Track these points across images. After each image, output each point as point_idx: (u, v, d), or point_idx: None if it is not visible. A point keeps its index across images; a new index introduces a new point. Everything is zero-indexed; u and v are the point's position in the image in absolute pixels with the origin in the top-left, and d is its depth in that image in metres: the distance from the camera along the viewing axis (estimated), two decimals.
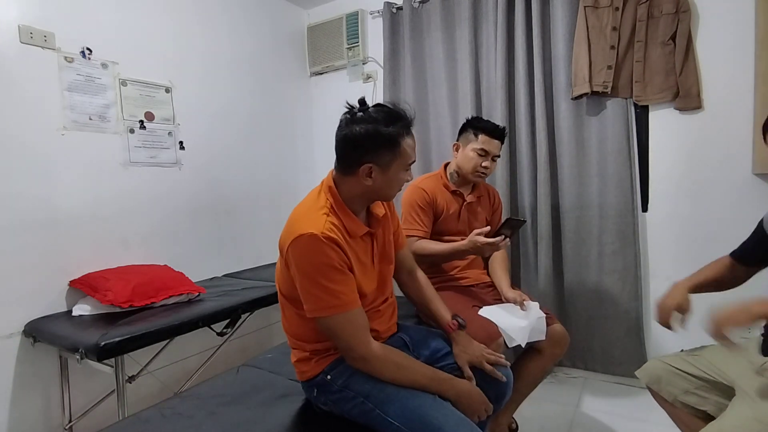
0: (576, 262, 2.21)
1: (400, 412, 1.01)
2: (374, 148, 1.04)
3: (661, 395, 1.31)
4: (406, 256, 1.37)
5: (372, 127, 1.03)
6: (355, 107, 1.07)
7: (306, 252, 1.00)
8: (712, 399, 1.23)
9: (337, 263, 1.01)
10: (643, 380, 1.35)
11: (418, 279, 1.37)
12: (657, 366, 1.33)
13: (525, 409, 1.71)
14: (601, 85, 2.03)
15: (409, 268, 1.37)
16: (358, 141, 1.04)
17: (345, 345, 1.05)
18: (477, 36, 2.39)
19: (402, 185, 1.13)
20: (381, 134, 1.03)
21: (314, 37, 2.96)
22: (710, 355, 1.27)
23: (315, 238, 0.99)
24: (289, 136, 2.92)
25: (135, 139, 2.08)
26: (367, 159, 1.05)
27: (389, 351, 1.08)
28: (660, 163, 2.08)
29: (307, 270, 1.01)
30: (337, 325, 1.03)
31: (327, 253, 0.99)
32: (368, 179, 1.07)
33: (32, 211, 1.74)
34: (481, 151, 1.70)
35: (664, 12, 1.93)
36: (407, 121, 1.08)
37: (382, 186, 1.09)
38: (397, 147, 1.04)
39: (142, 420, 1.14)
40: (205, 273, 2.36)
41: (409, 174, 1.13)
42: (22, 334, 1.71)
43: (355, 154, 1.06)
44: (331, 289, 1.01)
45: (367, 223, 1.17)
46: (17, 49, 1.70)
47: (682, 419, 1.29)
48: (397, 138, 1.04)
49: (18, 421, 1.71)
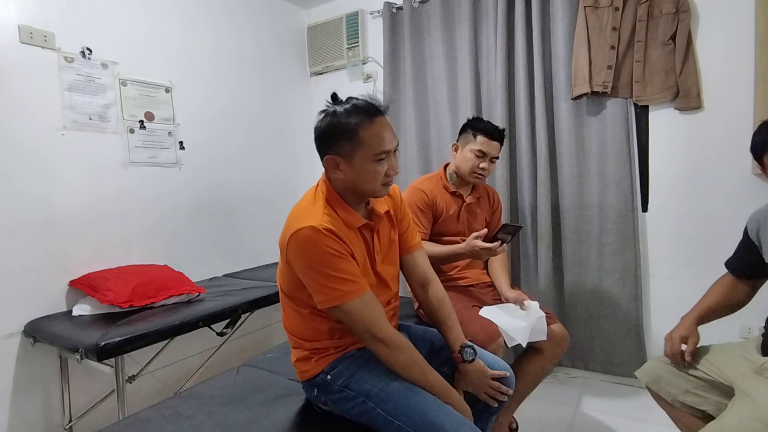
0: (576, 262, 2.21)
1: (401, 411, 1.01)
2: (334, 139, 1.05)
3: (661, 395, 1.31)
4: (418, 264, 1.27)
5: (330, 119, 1.06)
6: (329, 103, 1.09)
7: (307, 245, 1.00)
8: (711, 399, 1.23)
9: (340, 252, 1.02)
10: (643, 380, 1.35)
11: (432, 295, 1.25)
12: (657, 366, 1.33)
13: (525, 409, 1.71)
14: (601, 85, 2.03)
15: (422, 279, 1.27)
16: (321, 134, 1.08)
17: (364, 328, 1.04)
18: (477, 36, 2.38)
19: (378, 178, 1.06)
20: (337, 125, 1.04)
21: (314, 37, 2.96)
22: (710, 354, 1.27)
23: (314, 230, 0.99)
24: (289, 136, 2.92)
25: (135, 139, 2.08)
26: (330, 151, 1.06)
27: (407, 342, 1.08)
28: (660, 163, 2.08)
29: (311, 262, 1.01)
30: (353, 311, 1.03)
31: (328, 243, 1.00)
32: (337, 171, 1.07)
33: (32, 211, 1.74)
34: (479, 152, 1.70)
35: (664, 12, 1.93)
36: (371, 110, 1.06)
37: (355, 178, 1.06)
38: (355, 136, 1.03)
39: (142, 420, 1.15)
40: (205, 273, 2.36)
41: (386, 166, 1.06)
42: (22, 334, 1.71)
43: (321, 146, 1.09)
44: (340, 277, 1.01)
45: (368, 217, 1.16)
46: (17, 49, 1.71)
47: (682, 419, 1.29)
48: (355, 128, 1.03)
49: (18, 421, 1.71)
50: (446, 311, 1.23)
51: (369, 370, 1.08)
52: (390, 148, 1.07)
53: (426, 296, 1.26)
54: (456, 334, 1.20)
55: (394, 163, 1.10)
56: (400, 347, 1.06)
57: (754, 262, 1.27)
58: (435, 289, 1.26)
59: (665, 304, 2.12)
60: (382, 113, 1.08)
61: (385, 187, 1.10)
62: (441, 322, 1.22)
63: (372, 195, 1.12)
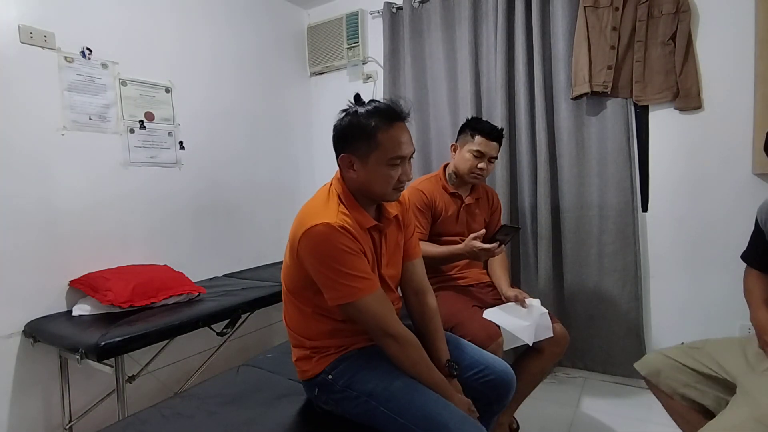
0: (576, 262, 2.21)
1: (405, 408, 1.01)
2: (351, 138, 1.07)
3: (660, 388, 1.30)
4: (417, 273, 1.28)
5: (351, 119, 1.07)
6: (351, 103, 1.11)
7: (321, 241, 1.00)
8: (711, 393, 1.23)
9: (353, 249, 1.03)
10: (642, 372, 1.34)
11: (425, 306, 1.24)
12: (657, 359, 1.33)
13: (525, 409, 1.71)
14: (601, 85, 2.03)
15: (417, 287, 1.27)
16: (339, 132, 1.10)
17: (376, 324, 1.05)
18: (477, 36, 2.38)
19: (391, 182, 1.08)
20: (356, 125, 1.06)
21: (314, 37, 2.96)
22: (712, 349, 1.26)
23: (329, 227, 1.00)
24: (289, 136, 2.91)
25: (135, 139, 2.08)
26: (346, 150, 1.08)
27: (417, 339, 1.10)
28: (660, 163, 2.08)
29: (324, 259, 1.01)
30: (367, 307, 1.04)
31: (342, 241, 1.01)
32: (351, 171, 1.09)
33: (32, 211, 1.74)
34: (477, 152, 1.69)
35: (664, 12, 1.93)
36: (392, 114, 1.07)
37: (368, 179, 1.08)
38: (373, 138, 1.04)
39: (142, 420, 1.15)
40: (205, 273, 2.36)
41: (399, 171, 1.08)
42: (22, 334, 1.71)
43: (338, 144, 1.11)
44: (353, 275, 1.02)
45: (377, 219, 1.16)
46: (17, 49, 1.70)
47: (679, 412, 1.29)
48: (374, 129, 1.04)
49: (18, 421, 1.71)
50: (438, 323, 1.24)
51: (371, 370, 1.09)
52: (405, 154, 1.08)
53: (419, 305, 1.26)
54: (444, 348, 1.20)
55: (408, 169, 1.11)
56: (411, 344, 1.08)
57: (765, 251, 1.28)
58: (430, 300, 1.26)
59: (665, 304, 2.12)
60: (402, 119, 1.09)
61: (396, 192, 1.12)
62: (431, 332, 1.22)
63: (382, 199, 1.14)
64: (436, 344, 1.20)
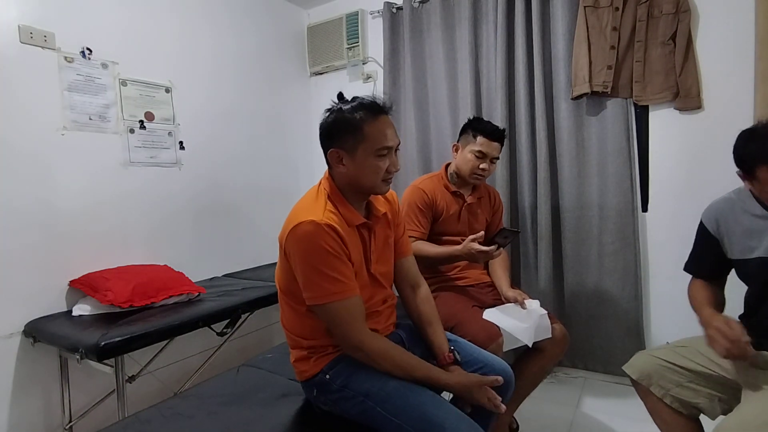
0: (576, 262, 2.21)
1: (401, 409, 1.01)
2: (338, 133, 1.09)
3: (652, 390, 1.28)
4: (411, 269, 1.32)
5: (337, 115, 1.10)
6: (335, 102, 1.13)
7: (305, 238, 1.02)
8: (704, 391, 1.22)
9: (336, 251, 1.03)
10: (633, 375, 1.32)
11: (421, 296, 1.29)
12: (646, 361, 1.31)
13: (525, 409, 1.71)
14: (601, 85, 2.03)
15: (413, 282, 1.31)
16: (326, 129, 1.11)
17: (340, 333, 1.07)
18: (477, 36, 2.38)
19: (380, 173, 1.09)
20: (343, 120, 1.08)
21: (314, 37, 2.96)
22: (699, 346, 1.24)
23: (315, 225, 1.01)
24: (289, 136, 2.91)
25: (135, 139, 2.08)
26: (334, 145, 1.10)
27: (385, 343, 1.10)
28: (660, 163, 2.08)
29: (307, 257, 1.03)
30: (333, 313, 1.05)
31: (326, 240, 1.02)
32: (340, 165, 1.10)
33: (32, 211, 1.74)
34: (479, 153, 1.69)
35: (664, 12, 1.93)
36: (376, 107, 1.10)
37: (357, 172, 1.09)
38: (360, 131, 1.07)
39: (142, 420, 1.15)
40: (205, 273, 2.36)
41: (387, 162, 1.10)
42: (22, 334, 1.71)
43: (326, 141, 1.12)
44: (330, 276, 1.02)
45: (366, 217, 1.17)
46: (17, 49, 1.70)
47: (663, 416, 1.28)
48: (360, 122, 1.07)
49: (18, 421, 1.71)
50: (435, 311, 1.28)
51: (367, 370, 1.08)
52: (392, 145, 1.11)
53: (416, 297, 1.30)
54: (444, 337, 1.23)
55: (395, 160, 1.13)
56: (379, 354, 1.07)
57: (714, 260, 1.27)
58: (424, 290, 1.31)
59: (665, 304, 2.12)
60: (385, 112, 1.12)
61: (385, 184, 1.13)
62: (428, 322, 1.25)
63: (372, 191, 1.15)
64: (434, 333, 1.23)
